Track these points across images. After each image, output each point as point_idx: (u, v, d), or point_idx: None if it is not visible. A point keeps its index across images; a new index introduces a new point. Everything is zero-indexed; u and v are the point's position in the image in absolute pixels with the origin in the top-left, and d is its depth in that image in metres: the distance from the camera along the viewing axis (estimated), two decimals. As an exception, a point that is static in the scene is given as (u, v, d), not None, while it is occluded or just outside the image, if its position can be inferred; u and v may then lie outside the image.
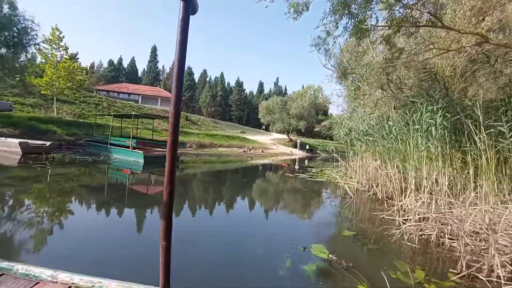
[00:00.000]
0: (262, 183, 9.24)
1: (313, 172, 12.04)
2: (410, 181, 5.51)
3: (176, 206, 5.14)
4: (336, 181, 8.77)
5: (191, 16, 0.86)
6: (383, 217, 5.01)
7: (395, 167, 6.31)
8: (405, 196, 5.68)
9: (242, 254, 3.24)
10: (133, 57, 67.46)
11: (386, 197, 6.36)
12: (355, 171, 9.60)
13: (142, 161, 10.12)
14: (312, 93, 41.60)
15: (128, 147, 10.99)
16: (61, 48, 22.58)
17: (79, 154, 12.12)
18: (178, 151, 16.47)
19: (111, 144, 11.98)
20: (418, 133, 5.43)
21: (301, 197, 7.24)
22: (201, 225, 4.31)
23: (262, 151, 28.29)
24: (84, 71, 25.13)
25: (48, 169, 7.84)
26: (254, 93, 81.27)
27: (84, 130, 17.89)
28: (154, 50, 66.27)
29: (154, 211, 4.84)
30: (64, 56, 22.75)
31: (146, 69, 66.26)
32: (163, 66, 72.40)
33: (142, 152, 10.17)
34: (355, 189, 7.29)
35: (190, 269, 2.73)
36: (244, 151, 25.23)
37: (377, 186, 7.31)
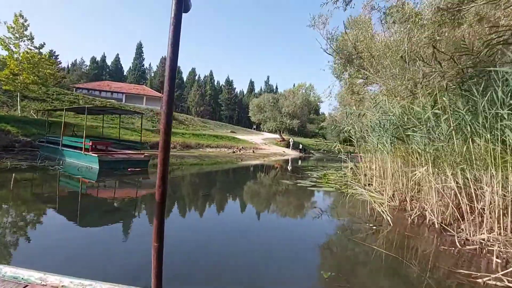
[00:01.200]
0: (253, 199, 7.02)
1: (315, 178, 9.92)
2: (490, 200, 3.42)
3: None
4: (352, 192, 6.65)
5: (183, 14, 0.83)
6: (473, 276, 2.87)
7: (447, 174, 4.22)
8: (479, 224, 3.59)
9: None
10: (118, 55, 64.23)
11: (443, 223, 4.22)
12: (373, 178, 7.51)
13: (97, 166, 7.76)
14: (304, 91, 39.74)
15: (81, 148, 8.55)
16: (25, 38, 19.73)
17: (31, 158, 9.63)
18: (154, 153, 14.01)
19: (63, 146, 9.47)
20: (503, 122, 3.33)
21: (316, 225, 4.67)
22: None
23: (253, 152, 26.12)
24: (53, 64, 22.20)
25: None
26: (245, 92, 79.02)
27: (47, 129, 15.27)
28: (139, 47, 63.13)
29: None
30: (29, 46, 19.90)
31: (131, 67, 63.03)
32: (149, 64, 69.39)
33: (96, 155, 7.78)
34: (385, 207, 5.14)
35: None
36: (234, 152, 22.99)
37: (412, 201, 5.23)
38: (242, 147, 24.75)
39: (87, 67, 58.89)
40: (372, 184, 7.53)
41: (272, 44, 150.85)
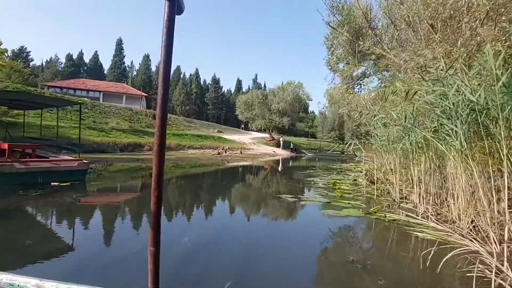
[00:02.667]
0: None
1: (322, 188, 7.46)
2: None
3: None
4: (394, 219, 4.20)
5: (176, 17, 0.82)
6: None
7: None
8: None
9: None
10: (96, 52, 60.09)
11: None
12: (406, 187, 5.14)
13: (-9, 182, 5.06)
14: (293, 89, 37.51)
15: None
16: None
17: None
18: (104, 156, 11.08)
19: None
20: None
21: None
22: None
23: (241, 152, 23.56)
24: (5, 53, 18.91)
25: None
26: (232, 91, 76.25)
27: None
28: (119, 44, 59.19)
29: None
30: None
31: (111, 64, 59.08)
32: (131, 62, 65.48)
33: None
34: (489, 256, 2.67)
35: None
36: (218, 153, 20.35)
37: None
38: (229, 148, 22.13)
39: (62, 65, 54.58)
40: (408, 198, 5.14)
41: (259, 43, 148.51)
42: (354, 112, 9.93)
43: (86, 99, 34.69)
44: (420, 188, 5.12)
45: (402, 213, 4.44)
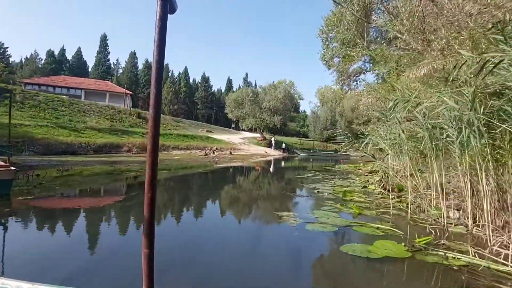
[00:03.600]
0: None
1: (330, 200, 5.90)
2: None
3: None
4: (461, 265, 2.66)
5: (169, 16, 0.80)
6: None
7: None
8: None
9: None
10: (79, 48, 57.01)
11: None
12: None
13: None
14: (284, 87, 36.08)
15: None
16: None
17: None
18: (71, 158, 8.74)
19: None
20: None
21: None
22: None
23: (231, 153, 21.90)
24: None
25: None
26: (223, 90, 74.28)
27: None
28: (104, 40, 56.33)
29: None
30: None
31: (95, 61, 56.20)
32: (117, 60, 62.60)
33: None
34: None
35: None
36: (206, 154, 18.62)
37: None
38: (217, 148, 20.40)
39: (43, 61, 51.42)
40: (450, 217, 3.58)
41: (250, 42, 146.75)
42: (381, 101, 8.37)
43: (64, 96, 32.24)
44: (476, 203, 3.62)
45: (468, 248, 2.88)
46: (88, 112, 26.06)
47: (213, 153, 19.11)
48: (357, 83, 23.03)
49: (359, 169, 12.44)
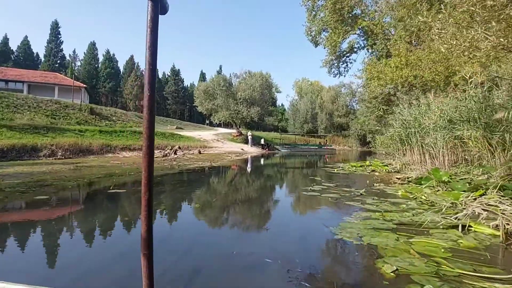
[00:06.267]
0: None
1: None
2: None
3: None
4: None
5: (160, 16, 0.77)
6: None
7: None
8: None
9: None
10: (26, 37, 48.96)
11: None
12: None
13: None
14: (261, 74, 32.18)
15: None
16: None
17: None
18: None
19: None
20: None
21: None
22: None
23: (199, 152, 17.66)
24: None
25: None
26: (196, 84, 68.75)
27: None
28: (55, 27, 48.72)
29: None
30: None
31: (45, 52, 48.56)
32: (74, 51, 55.00)
33: None
34: None
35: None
36: (166, 155, 14.20)
37: None
38: (179, 147, 15.98)
39: (-22, 51, 43.23)
40: None
41: (223, 34, 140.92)
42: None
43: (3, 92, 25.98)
44: None
45: None
46: (21, 108, 20.56)
47: (175, 153, 14.73)
48: (347, 65, 19.71)
49: (371, 170, 8.80)
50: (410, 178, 6.40)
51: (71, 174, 7.04)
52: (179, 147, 15.71)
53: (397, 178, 6.52)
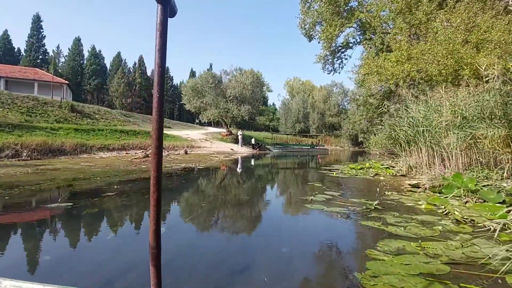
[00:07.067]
0: None
1: None
2: None
3: None
4: None
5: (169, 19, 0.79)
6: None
7: None
8: None
9: None
10: (6, 31, 46.20)
11: None
12: None
13: None
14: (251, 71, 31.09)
15: None
16: None
17: None
18: None
19: None
20: None
21: None
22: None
23: (186, 152, 16.44)
24: None
25: None
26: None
27: None
28: (37, 21, 46.12)
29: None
30: None
31: (26, 47, 45.94)
32: (58, 46, 52.38)
33: None
34: None
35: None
36: (147, 156, 12.91)
37: None
38: (164, 148, 14.68)
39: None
40: None
41: (214, 32, 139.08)
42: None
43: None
44: None
45: None
46: (-10, 103, 18.92)
47: (157, 153, 13.41)
48: (342, 62, 18.71)
49: (374, 173, 7.86)
50: (424, 184, 5.43)
51: (23, 179, 5.76)
52: (164, 147, 14.42)
53: (409, 184, 5.54)
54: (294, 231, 3.12)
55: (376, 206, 3.85)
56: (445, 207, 3.85)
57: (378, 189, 5.22)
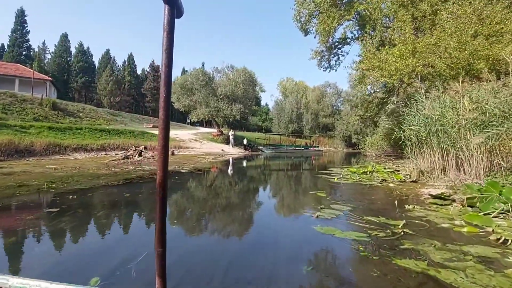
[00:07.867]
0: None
1: None
2: None
3: None
4: None
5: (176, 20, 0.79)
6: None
7: None
8: None
9: None
10: (-13, 25, 43.79)
11: None
12: None
13: None
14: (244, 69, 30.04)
15: None
16: None
17: None
18: None
19: None
20: None
21: None
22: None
23: (173, 153, 15.23)
24: None
25: None
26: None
27: None
28: (21, 16, 43.88)
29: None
30: None
31: (9, 42, 43.67)
32: (43, 42, 50.18)
33: None
34: None
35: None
36: (127, 157, 11.65)
37: None
38: (145, 148, 13.47)
39: None
40: None
41: (206, 30, 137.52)
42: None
43: None
44: None
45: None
46: (-40, 100, 17.46)
47: (139, 154, 12.22)
48: (338, 58, 17.71)
49: (381, 179, 6.90)
50: (450, 196, 4.46)
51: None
52: (145, 148, 13.20)
53: (429, 195, 4.56)
54: (299, 277, 2.05)
55: (405, 231, 2.83)
56: (493, 230, 2.87)
57: (396, 202, 4.21)
